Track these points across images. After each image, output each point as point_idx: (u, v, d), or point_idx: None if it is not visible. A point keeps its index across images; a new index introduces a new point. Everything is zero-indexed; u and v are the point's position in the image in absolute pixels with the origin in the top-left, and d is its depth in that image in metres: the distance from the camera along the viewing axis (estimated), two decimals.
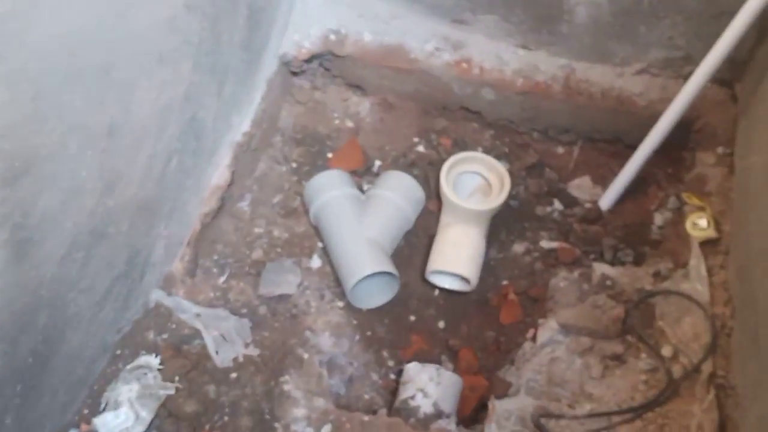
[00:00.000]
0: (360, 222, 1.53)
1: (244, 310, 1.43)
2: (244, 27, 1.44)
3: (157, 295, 1.32)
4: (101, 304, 1.19)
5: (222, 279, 1.49)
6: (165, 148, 1.24)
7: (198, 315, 1.31)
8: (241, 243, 1.58)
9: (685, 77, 1.64)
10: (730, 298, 1.39)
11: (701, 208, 1.54)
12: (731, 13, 1.38)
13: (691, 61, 1.62)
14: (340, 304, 1.51)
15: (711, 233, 1.49)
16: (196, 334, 1.30)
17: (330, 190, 1.58)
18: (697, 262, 1.46)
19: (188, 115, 1.30)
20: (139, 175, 1.17)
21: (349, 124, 1.82)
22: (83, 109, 0.97)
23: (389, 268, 1.47)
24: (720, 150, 1.61)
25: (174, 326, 1.32)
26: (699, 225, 1.51)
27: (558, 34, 1.67)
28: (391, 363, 1.49)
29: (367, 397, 1.42)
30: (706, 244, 1.50)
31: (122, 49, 1.03)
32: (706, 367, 1.31)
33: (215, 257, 1.53)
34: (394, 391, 1.44)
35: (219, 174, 1.51)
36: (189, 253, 1.44)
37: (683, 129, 1.62)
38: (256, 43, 1.54)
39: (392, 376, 1.48)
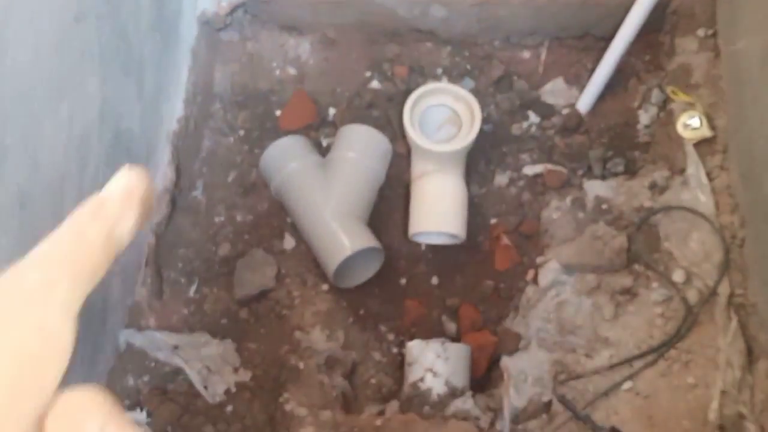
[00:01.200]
0: (328, 195, 1.38)
1: (224, 321, 1.32)
2: (150, 8, 1.23)
3: (126, 336, 1.20)
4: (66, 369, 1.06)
5: (193, 289, 1.36)
6: (92, 181, 1.07)
7: (176, 347, 1.19)
8: (204, 239, 1.44)
9: None
10: (737, 204, 1.29)
11: (690, 105, 1.41)
12: None
13: None
14: (325, 287, 1.40)
15: (705, 132, 1.37)
16: (179, 368, 1.19)
17: (288, 163, 1.42)
18: (695, 168, 1.34)
19: (110, 134, 1.12)
20: None
21: (292, 71, 1.63)
22: None
23: (370, 242, 1.35)
24: (701, 32, 1.45)
25: (153, 364, 1.21)
26: (691, 125, 1.38)
27: None
28: (391, 337, 1.40)
29: (374, 381, 1.34)
30: (701, 144, 1.38)
31: (9, 106, 0.85)
32: (723, 289, 1.23)
33: (180, 265, 1.39)
34: (400, 366, 1.36)
35: (162, 175, 1.35)
36: (150, 273, 1.31)
37: (657, 10, 1.46)
38: (168, 17, 1.33)
39: (395, 350, 1.39)
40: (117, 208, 0.25)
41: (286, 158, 1.43)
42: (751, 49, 1.23)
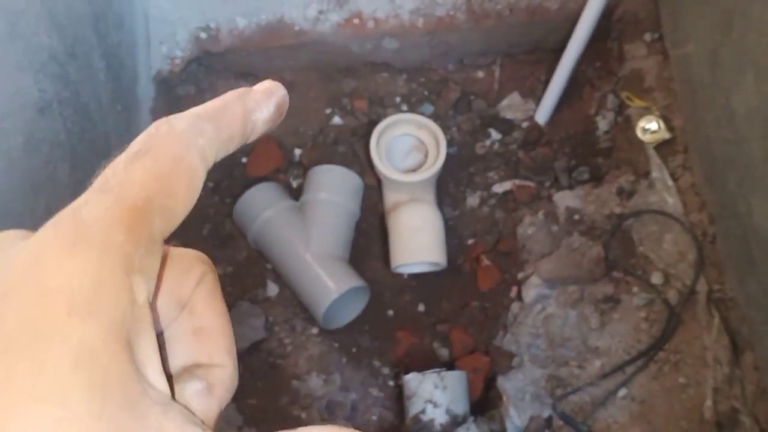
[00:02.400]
0: (307, 239, 1.39)
1: None
2: (107, 80, 1.23)
3: None
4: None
5: None
6: None
7: None
8: None
9: None
10: (704, 202, 1.34)
11: (646, 109, 1.45)
12: None
13: None
14: (315, 330, 1.41)
15: (664, 135, 1.41)
16: None
17: (262, 211, 1.43)
18: (659, 171, 1.39)
19: None
20: None
21: None
22: None
23: (354, 282, 1.36)
24: (647, 37, 1.50)
25: None
26: (649, 129, 1.42)
27: None
28: (386, 370, 1.42)
29: (375, 418, 1.36)
30: (662, 146, 1.42)
31: None
32: (701, 286, 1.28)
33: None
34: (399, 398, 1.38)
35: None
36: None
37: (604, 18, 1.50)
38: (125, 85, 1.33)
39: (391, 383, 1.41)
40: (259, 97, 0.28)
41: (260, 207, 1.43)
42: (700, 53, 1.27)
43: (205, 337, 0.26)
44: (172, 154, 0.25)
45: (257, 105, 0.28)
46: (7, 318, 0.20)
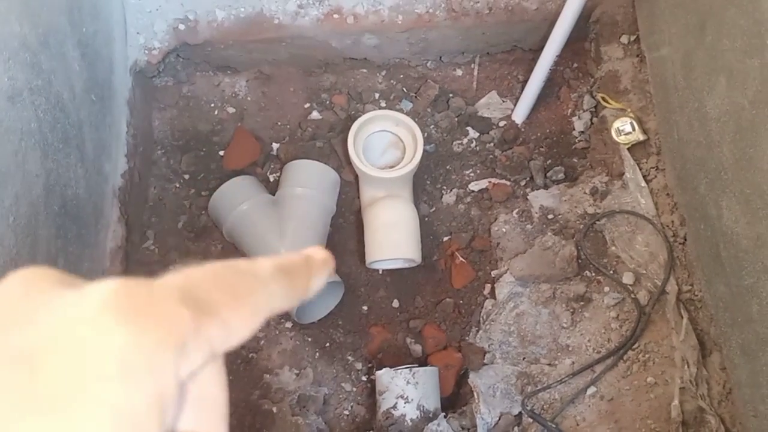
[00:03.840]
0: (282, 233, 1.39)
1: None
2: (82, 69, 1.22)
3: None
4: None
5: None
6: (45, 260, 1.06)
7: None
8: None
9: None
10: (675, 204, 1.35)
11: (621, 110, 1.47)
12: None
13: None
14: (288, 324, 1.41)
15: (638, 136, 1.43)
16: None
17: (238, 205, 1.42)
18: (632, 172, 1.40)
19: (57, 205, 1.11)
20: None
21: (230, 109, 1.63)
22: None
23: (329, 277, 1.36)
24: (624, 39, 1.51)
25: None
26: (624, 130, 1.44)
27: None
28: (358, 365, 1.42)
29: (347, 412, 1.36)
30: (636, 147, 1.44)
31: None
32: (671, 287, 1.29)
33: None
34: (371, 393, 1.38)
35: (112, 234, 1.33)
36: None
37: (581, 20, 1.51)
38: (101, 74, 1.31)
39: (364, 378, 1.41)
40: (320, 266, 0.31)
41: (235, 200, 1.43)
42: (675, 57, 1.28)
43: (207, 407, 0.27)
44: (251, 288, 0.27)
45: (318, 272, 0.30)
46: (57, 372, 0.21)
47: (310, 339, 1.41)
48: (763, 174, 1.00)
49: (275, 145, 1.60)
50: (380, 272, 1.50)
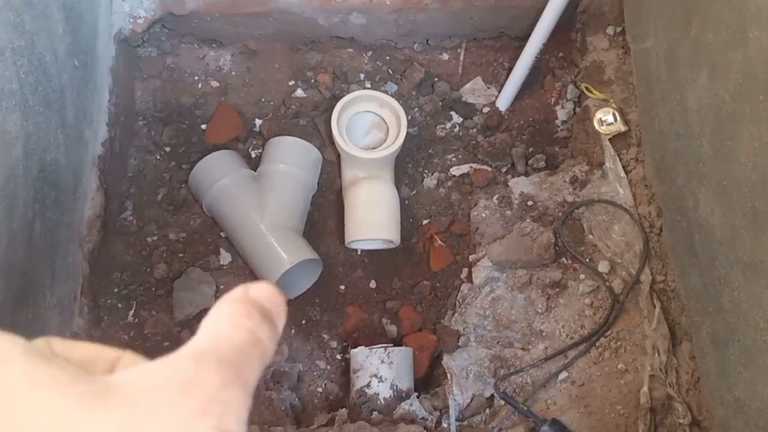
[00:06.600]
0: (262, 208, 1.39)
1: (167, 343, 1.32)
2: (65, 33, 1.20)
3: None
4: None
5: (131, 313, 1.35)
6: (21, 224, 1.05)
7: None
8: (139, 261, 1.42)
9: None
10: (653, 195, 1.37)
11: (604, 101, 1.48)
12: None
13: None
14: None
15: (620, 127, 1.44)
16: None
17: (219, 179, 1.42)
18: (612, 162, 1.42)
19: (36, 169, 1.10)
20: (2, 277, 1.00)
21: (214, 83, 1.62)
22: None
23: (308, 254, 1.37)
24: (610, 30, 1.53)
25: None
26: (606, 120, 1.45)
27: None
28: (334, 344, 1.43)
29: (320, 390, 1.37)
30: (617, 138, 1.45)
31: None
32: (645, 276, 1.31)
33: (116, 290, 1.38)
34: (345, 372, 1.39)
35: (91, 203, 1.32)
36: (86, 302, 1.29)
37: (568, 9, 1.51)
38: (84, 40, 1.30)
39: (338, 357, 1.42)
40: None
41: (216, 174, 1.42)
42: (658, 49, 1.30)
43: None
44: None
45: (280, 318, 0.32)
46: None
47: (286, 315, 1.40)
48: (740, 166, 1.02)
49: (258, 121, 1.59)
50: (359, 252, 1.51)
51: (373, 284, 1.49)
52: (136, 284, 1.39)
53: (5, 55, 1.00)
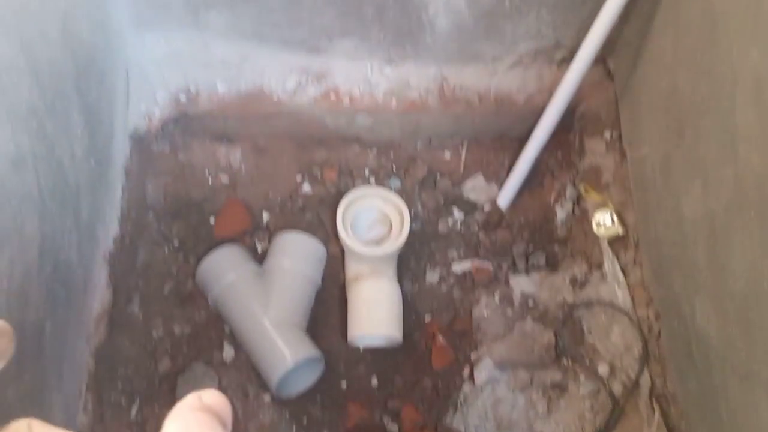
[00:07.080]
0: (267, 305, 1.41)
1: None
2: (83, 136, 1.25)
3: None
4: None
5: (134, 411, 1.36)
6: (33, 324, 1.07)
7: None
8: (143, 356, 1.44)
9: (558, 63, 1.59)
10: (651, 298, 1.39)
11: (602, 203, 1.52)
12: None
13: (561, 46, 1.57)
14: (267, 398, 1.41)
15: (618, 230, 1.48)
16: None
17: (225, 274, 1.44)
18: (611, 265, 1.45)
19: (49, 269, 1.13)
20: (11, 380, 1.01)
21: (224, 178, 1.67)
22: None
23: (311, 352, 1.38)
24: (607, 135, 1.58)
25: None
26: (604, 223, 1.49)
27: (422, 45, 1.56)
28: None
29: None
30: (615, 241, 1.48)
31: None
32: (644, 380, 1.32)
33: (120, 385, 1.39)
34: None
35: (99, 298, 1.35)
36: (90, 398, 1.30)
37: (567, 112, 1.57)
38: (102, 139, 1.35)
39: None
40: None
41: (223, 269, 1.45)
42: (654, 157, 1.34)
43: None
44: None
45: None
46: None
47: (287, 415, 1.41)
48: (734, 278, 1.04)
49: (265, 215, 1.63)
50: (361, 349, 1.52)
51: (375, 382, 1.50)
52: (140, 378, 1.40)
53: (26, 161, 1.04)
